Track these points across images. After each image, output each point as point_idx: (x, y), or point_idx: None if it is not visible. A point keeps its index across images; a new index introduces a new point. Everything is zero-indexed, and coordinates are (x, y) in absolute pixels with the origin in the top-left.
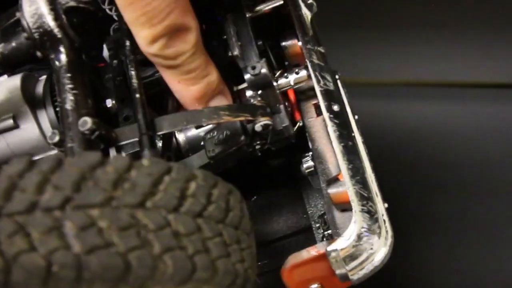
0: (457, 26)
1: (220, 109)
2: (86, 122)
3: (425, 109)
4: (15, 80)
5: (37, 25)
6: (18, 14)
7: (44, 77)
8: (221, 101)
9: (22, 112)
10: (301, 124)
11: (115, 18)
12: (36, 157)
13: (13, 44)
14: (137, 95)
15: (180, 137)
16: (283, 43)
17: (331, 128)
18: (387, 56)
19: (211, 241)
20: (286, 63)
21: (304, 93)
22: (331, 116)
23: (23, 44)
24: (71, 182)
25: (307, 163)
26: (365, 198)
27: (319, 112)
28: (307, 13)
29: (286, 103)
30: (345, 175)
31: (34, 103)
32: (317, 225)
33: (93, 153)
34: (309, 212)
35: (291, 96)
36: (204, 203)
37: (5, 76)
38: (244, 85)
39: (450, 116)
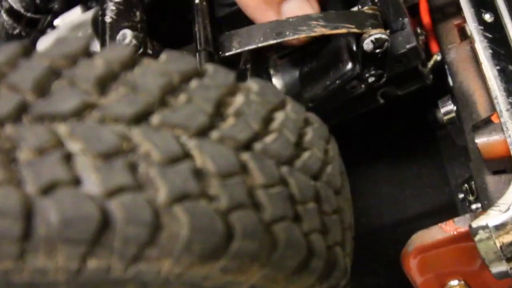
0: None
1: (310, 18)
2: (125, 35)
3: None
4: (87, 16)
5: None
6: None
7: None
8: (302, 5)
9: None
10: (439, 57)
11: None
12: None
13: None
14: (197, 0)
15: (277, 81)
16: None
17: (480, 45)
18: None
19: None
20: None
21: (442, 11)
22: (481, 28)
23: None
24: (33, 80)
25: (446, 107)
26: None
27: (463, 36)
28: None
29: (417, 29)
30: (503, 112)
31: None
32: (461, 195)
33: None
34: (452, 184)
35: (425, 17)
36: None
37: (78, 10)
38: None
39: None
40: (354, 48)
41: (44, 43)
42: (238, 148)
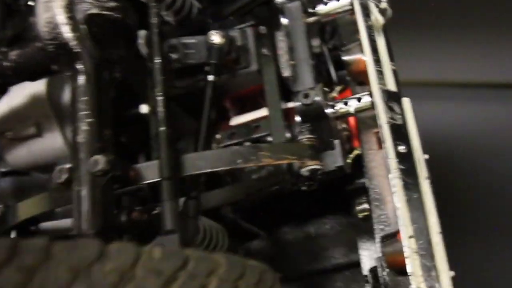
0: (457, 26)
1: (260, 149)
2: (98, 162)
3: (426, 109)
4: (40, 85)
5: (52, 35)
6: (32, 20)
7: None
8: None
9: (47, 119)
10: (359, 152)
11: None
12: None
13: (28, 51)
14: (162, 128)
15: None
16: (346, 58)
17: (394, 176)
18: None
19: None
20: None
21: (364, 121)
22: (396, 160)
23: (38, 53)
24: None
25: (362, 206)
26: (428, 268)
27: (380, 144)
28: (378, 19)
29: (344, 125)
30: (405, 240)
31: (60, 110)
32: (367, 275)
33: (90, 244)
34: (360, 247)
35: (351, 119)
36: None
37: None
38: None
39: (450, 116)
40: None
41: None
42: None
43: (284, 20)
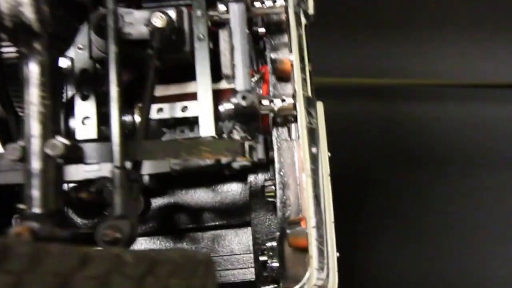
0: (457, 26)
1: (202, 143)
2: (56, 147)
3: (425, 109)
4: None
5: (13, 13)
6: None
7: None
8: None
9: None
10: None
11: None
12: None
13: None
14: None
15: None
16: (273, 56)
17: (307, 174)
18: (387, 56)
19: None
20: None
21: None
22: (310, 161)
23: None
24: None
25: (270, 188)
26: (322, 252)
27: (291, 136)
28: (303, 21)
29: None
30: (309, 229)
31: None
32: (263, 247)
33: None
34: (253, 213)
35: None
36: None
37: None
38: (225, 86)
39: (450, 116)
40: None
41: None
42: None
43: (222, 7)
